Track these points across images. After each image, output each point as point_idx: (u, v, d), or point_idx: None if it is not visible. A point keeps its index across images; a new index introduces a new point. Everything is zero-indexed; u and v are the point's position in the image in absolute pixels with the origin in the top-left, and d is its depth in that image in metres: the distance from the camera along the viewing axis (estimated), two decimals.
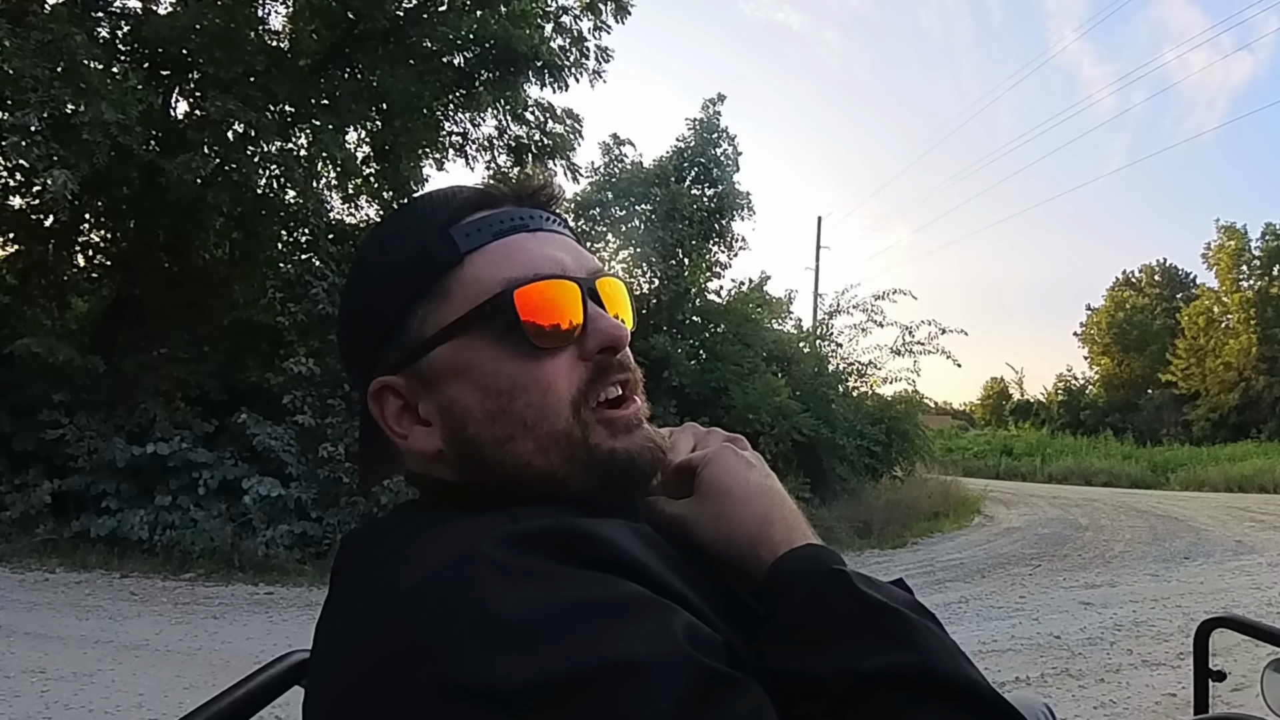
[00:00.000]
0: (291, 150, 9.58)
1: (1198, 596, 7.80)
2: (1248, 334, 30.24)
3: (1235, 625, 1.63)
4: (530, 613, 0.49)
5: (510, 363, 0.63)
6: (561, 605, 0.50)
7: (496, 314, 0.63)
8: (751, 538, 0.65)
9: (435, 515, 0.63)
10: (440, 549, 0.55)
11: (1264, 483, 20.46)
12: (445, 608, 0.50)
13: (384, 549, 0.61)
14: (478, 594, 0.50)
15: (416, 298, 0.65)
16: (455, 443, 0.65)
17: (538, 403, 0.63)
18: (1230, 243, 31.81)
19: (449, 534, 0.56)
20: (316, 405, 8.88)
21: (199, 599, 6.95)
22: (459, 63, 10.70)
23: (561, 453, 0.64)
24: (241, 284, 9.05)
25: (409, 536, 0.59)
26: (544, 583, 0.51)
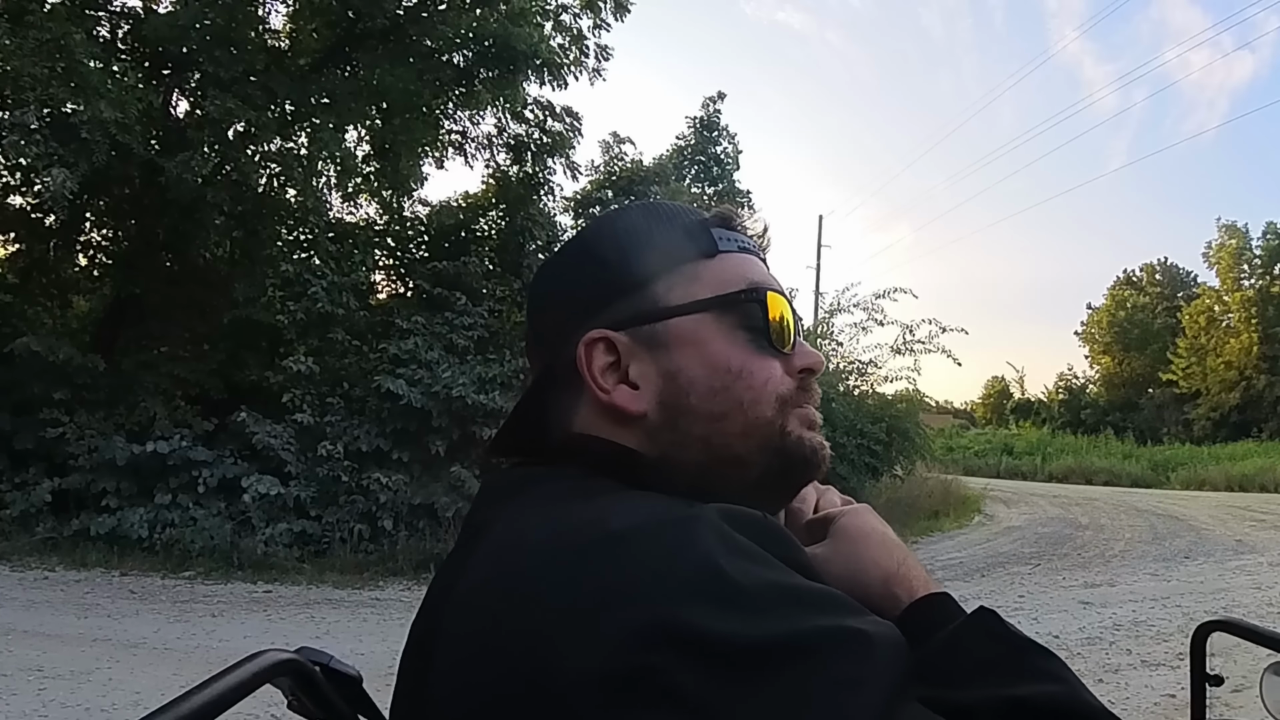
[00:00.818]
0: (291, 149, 9.58)
1: (1198, 596, 7.80)
2: (1249, 333, 30.24)
3: (1233, 629, 1.59)
4: (757, 581, 0.49)
5: (742, 350, 0.67)
6: (784, 583, 0.50)
7: (745, 305, 0.68)
8: (888, 578, 0.68)
9: (609, 484, 0.63)
10: (652, 508, 0.55)
11: (1265, 482, 20.53)
12: (671, 553, 0.50)
13: (565, 502, 0.59)
14: (705, 549, 0.50)
15: (669, 269, 0.69)
16: (668, 408, 0.67)
17: (757, 389, 0.67)
18: (1231, 241, 31.82)
19: (649, 499, 0.58)
20: (315, 404, 8.88)
21: (198, 597, 6.94)
22: (458, 61, 10.68)
23: (760, 439, 0.67)
24: (241, 283, 9.03)
25: (592, 494, 0.59)
26: (764, 563, 0.51)
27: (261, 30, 9.64)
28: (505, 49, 10.12)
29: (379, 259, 11.26)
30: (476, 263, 10.35)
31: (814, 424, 0.71)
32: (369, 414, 8.96)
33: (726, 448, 0.66)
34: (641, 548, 0.50)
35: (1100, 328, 38.82)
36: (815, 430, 0.71)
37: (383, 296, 11.45)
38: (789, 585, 0.51)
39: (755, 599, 0.48)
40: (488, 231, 12.04)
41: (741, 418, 0.67)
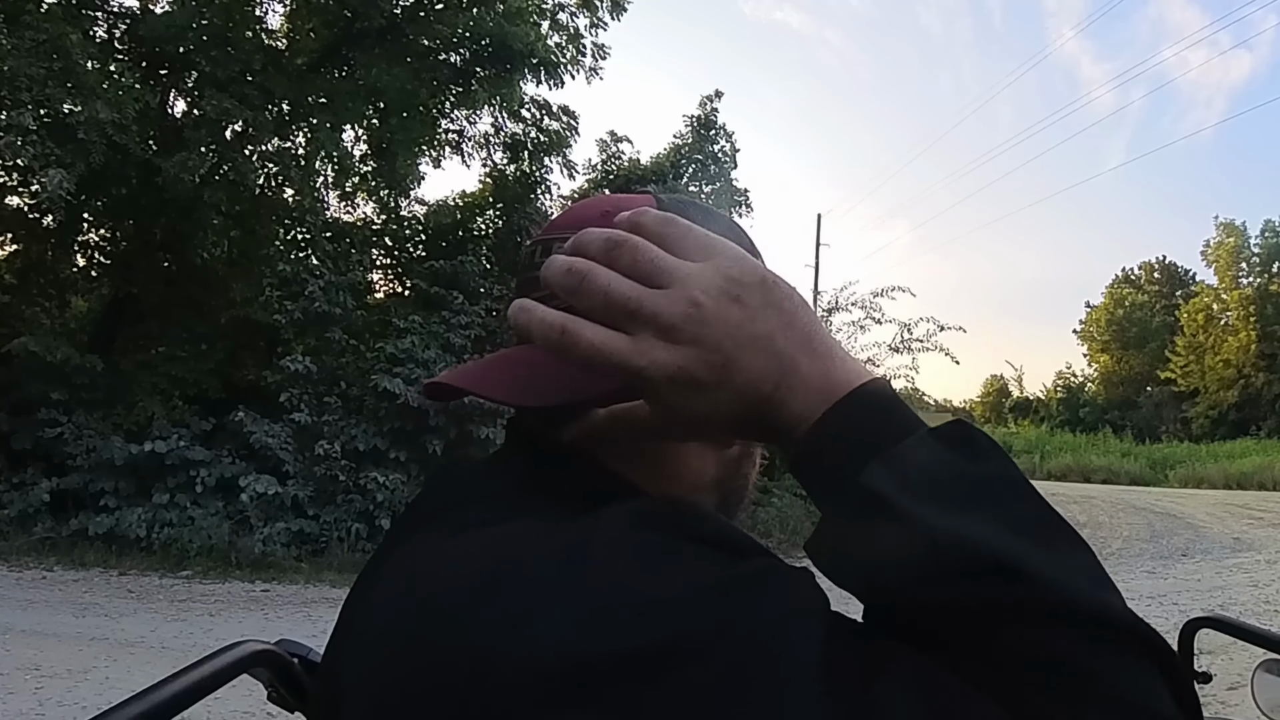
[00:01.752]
0: (289, 149, 9.61)
1: (1194, 594, 7.82)
2: (1247, 331, 30.34)
3: (1221, 626, 1.62)
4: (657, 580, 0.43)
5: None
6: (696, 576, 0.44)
7: None
8: (780, 376, 0.50)
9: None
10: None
11: (1263, 480, 20.59)
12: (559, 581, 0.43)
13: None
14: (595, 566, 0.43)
15: None
16: (729, 473, 0.68)
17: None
18: (1229, 240, 31.94)
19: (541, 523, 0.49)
20: (313, 403, 8.90)
21: (196, 596, 6.96)
22: (455, 60, 10.71)
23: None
24: (239, 282, 9.07)
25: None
26: (671, 555, 0.45)
27: (259, 30, 9.67)
28: (502, 48, 10.16)
29: (376, 258, 11.30)
30: (473, 262, 10.36)
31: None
32: (366, 413, 8.98)
33: (699, 474, 0.66)
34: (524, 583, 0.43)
35: (1099, 326, 38.93)
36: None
37: (380, 296, 11.49)
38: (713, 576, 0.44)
39: (650, 600, 0.41)
40: (485, 230, 12.05)
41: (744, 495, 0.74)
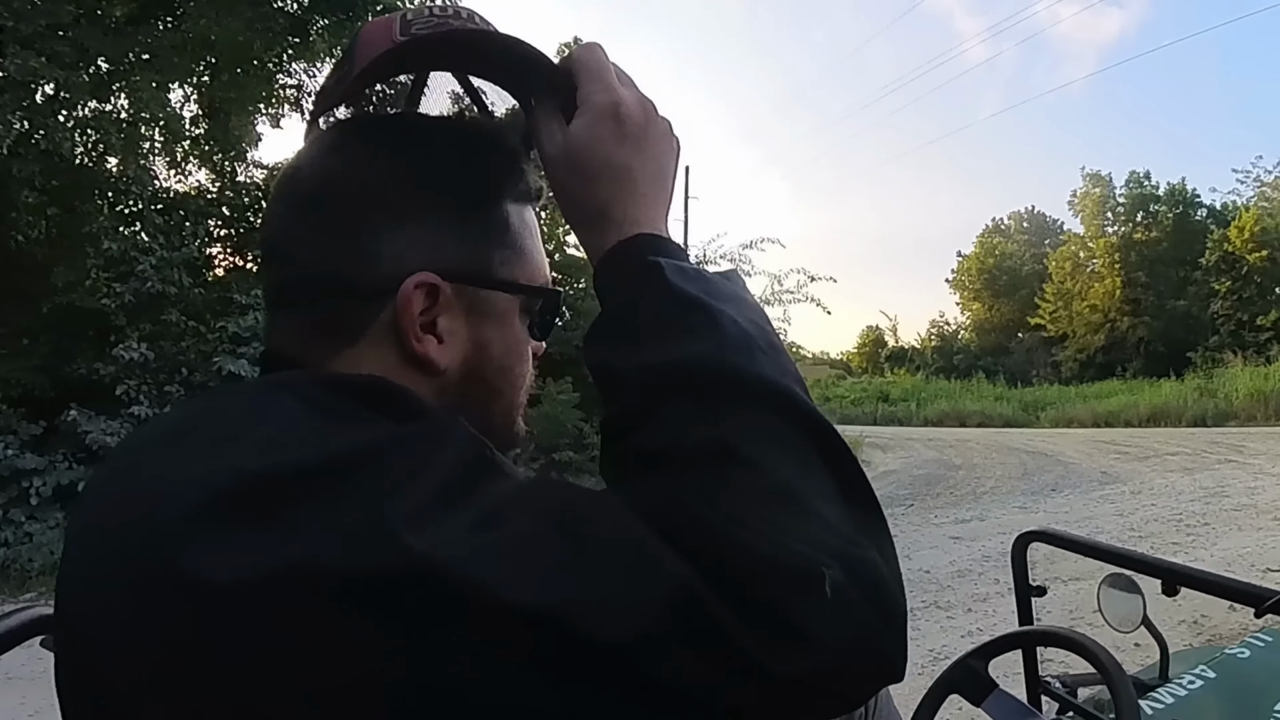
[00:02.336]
0: (109, 112, 9.18)
1: (1064, 524, 8.60)
2: (1112, 277, 33.07)
3: (1049, 539, 1.76)
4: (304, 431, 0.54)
5: (523, 338, 0.74)
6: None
7: (544, 301, 0.75)
8: (586, 221, 0.69)
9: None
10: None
11: (1129, 418, 22.50)
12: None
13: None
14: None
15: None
16: (467, 374, 0.70)
17: (525, 374, 0.76)
18: (1096, 190, 34.68)
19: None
20: (153, 394, 8.64)
21: None
22: (292, 8, 10.41)
23: (510, 420, 0.76)
24: (61, 266, 8.62)
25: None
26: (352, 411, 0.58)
27: None
28: None
29: (213, 230, 10.96)
30: None
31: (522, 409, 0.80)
32: None
33: (489, 418, 0.72)
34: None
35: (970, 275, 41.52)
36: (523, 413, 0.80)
37: (220, 271, 11.16)
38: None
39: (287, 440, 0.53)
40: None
41: (510, 399, 0.75)
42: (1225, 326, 28.84)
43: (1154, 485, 11.19)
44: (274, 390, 0.59)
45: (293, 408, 0.56)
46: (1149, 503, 9.81)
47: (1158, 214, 33.11)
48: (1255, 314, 28.00)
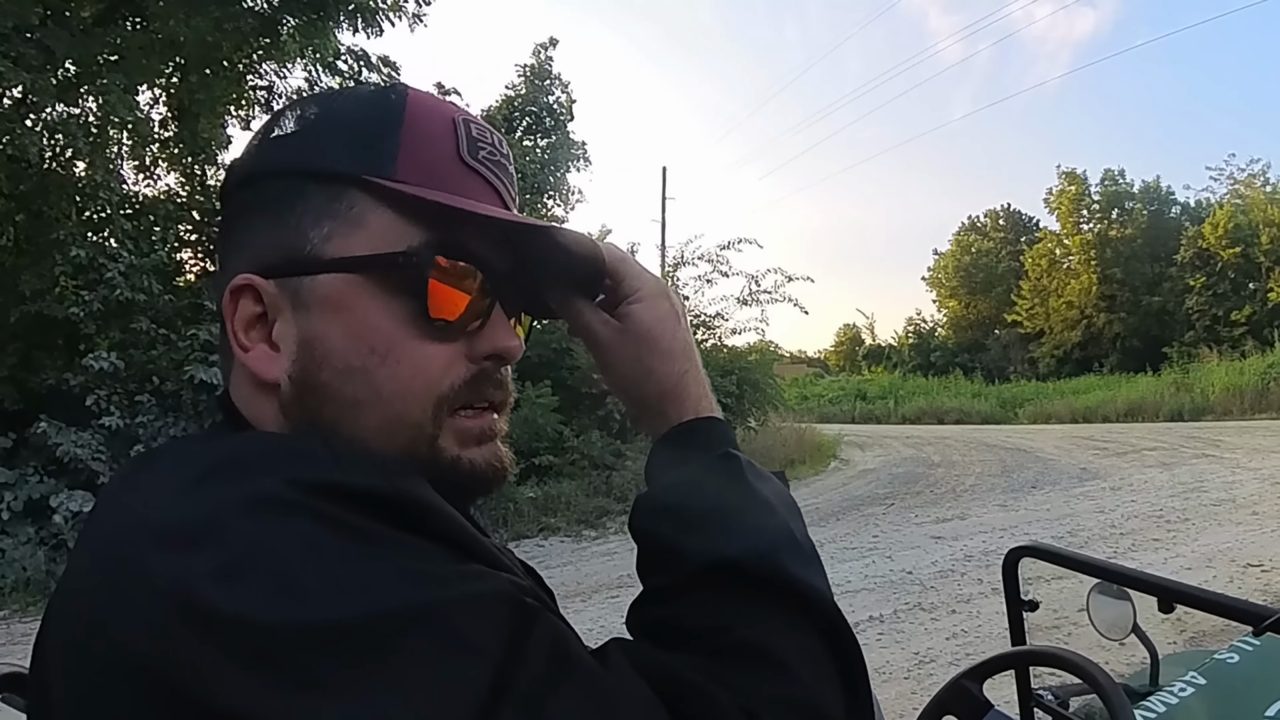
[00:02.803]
0: (76, 116, 9.06)
1: (1045, 522, 8.77)
2: (1088, 274, 33.38)
3: (1042, 554, 1.75)
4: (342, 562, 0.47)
5: (396, 326, 0.60)
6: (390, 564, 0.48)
7: (406, 270, 0.60)
8: (664, 393, 0.70)
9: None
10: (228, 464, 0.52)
11: (1106, 413, 22.72)
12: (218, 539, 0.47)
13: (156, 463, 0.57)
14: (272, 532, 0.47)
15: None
16: (299, 383, 0.61)
17: (404, 379, 0.60)
18: (1071, 188, 34.95)
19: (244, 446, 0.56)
20: (124, 404, 8.58)
21: (16, 638, 6.63)
22: (261, 7, 10.32)
23: (404, 442, 0.61)
24: (27, 273, 8.50)
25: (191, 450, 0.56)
26: (372, 543, 0.49)
27: None
28: None
29: (183, 235, 10.86)
30: None
31: (484, 436, 0.65)
32: (185, 409, 8.76)
33: (361, 443, 0.59)
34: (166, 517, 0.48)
35: (947, 273, 41.79)
36: (483, 443, 0.65)
37: (191, 277, 11.05)
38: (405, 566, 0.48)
39: (338, 582, 0.46)
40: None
41: (380, 410, 0.60)
42: (1200, 322, 29.18)
43: (1133, 481, 11.31)
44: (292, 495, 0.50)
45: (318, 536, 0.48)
46: (1129, 499, 9.91)
47: (1133, 211, 33.42)
48: (1229, 309, 28.34)
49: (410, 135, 0.62)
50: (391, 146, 0.61)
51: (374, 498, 0.51)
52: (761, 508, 0.63)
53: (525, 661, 0.47)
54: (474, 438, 0.64)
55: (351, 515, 0.49)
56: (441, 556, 0.51)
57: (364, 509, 0.50)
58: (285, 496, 0.48)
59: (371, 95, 0.65)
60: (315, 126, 0.63)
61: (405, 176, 0.61)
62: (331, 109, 0.65)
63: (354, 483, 0.51)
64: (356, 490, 0.51)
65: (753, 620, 0.58)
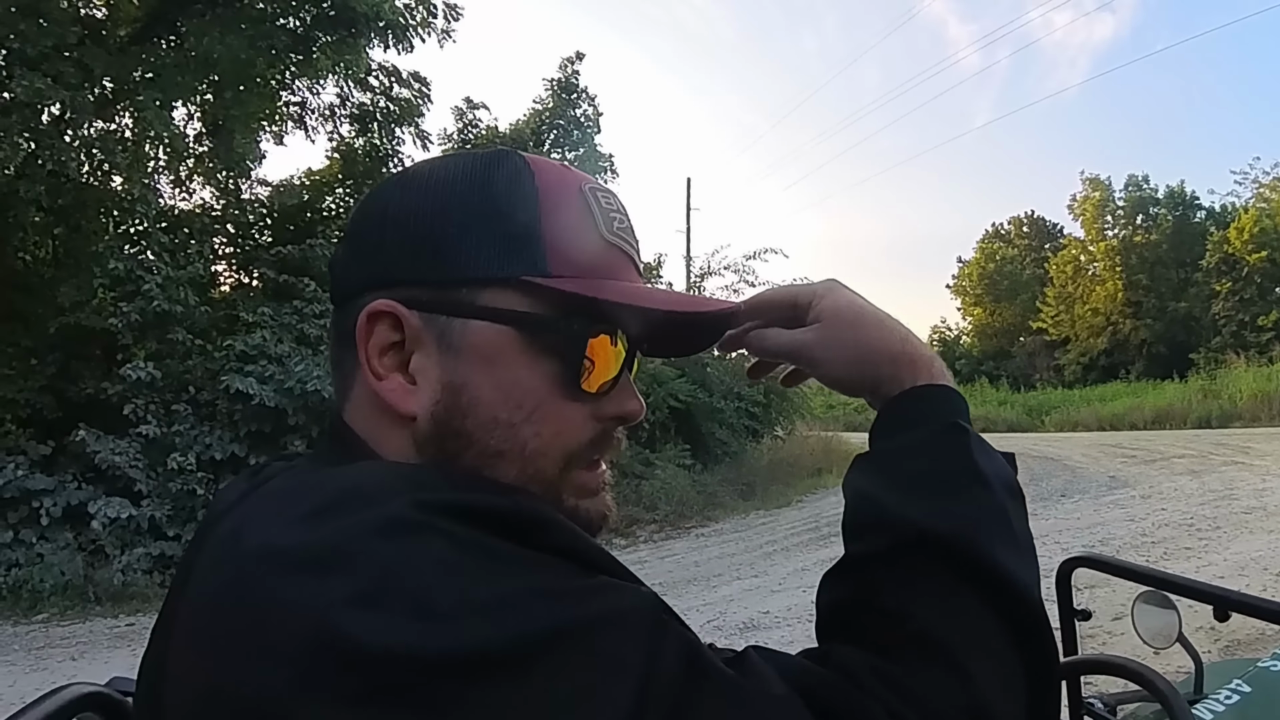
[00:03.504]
0: (114, 132, 9.23)
1: (1075, 531, 8.59)
2: (1113, 280, 33.02)
3: (1096, 564, 1.73)
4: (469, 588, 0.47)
5: (544, 387, 0.61)
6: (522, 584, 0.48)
7: (566, 337, 0.61)
8: (895, 358, 0.70)
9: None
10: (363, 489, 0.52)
11: (1134, 420, 22.41)
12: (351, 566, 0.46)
13: (282, 498, 0.55)
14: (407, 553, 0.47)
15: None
16: (441, 424, 0.61)
17: (547, 437, 0.61)
18: (1095, 194, 34.63)
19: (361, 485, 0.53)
20: (161, 413, 8.68)
21: (54, 641, 6.75)
22: (294, 25, 10.46)
23: (535, 493, 0.62)
24: (67, 285, 8.65)
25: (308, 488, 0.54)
26: (503, 560, 0.49)
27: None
28: (344, 10, 9.97)
29: (218, 248, 11.02)
30: (325, 245, 10.29)
31: (598, 489, 0.66)
32: (220, 418, 8.85)
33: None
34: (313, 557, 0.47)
35: (971, 280, 41.51)
36: (596, 494, 0.66)
37: (225, 289, 11.22)
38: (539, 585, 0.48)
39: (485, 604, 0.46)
40: (335, 210, 11.95)
41: (518, 465, 0.61)
42: (1227, 327, 28.76)
43: (1162, 489, 11.12)
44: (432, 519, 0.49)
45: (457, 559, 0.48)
46: (1159, 507, 9.74)
47: (1157, 216, 33.08)
48: (1256, 314, 27.93)
49: (552, 222, 0.62)
50: (539, 240, 0.61)
51: (499, 515, 0.51)
52: (981, 487, 0.61)
53: (666, 674, 0.47)
54: (590, 490, 0.65)
55: (480, 534, 0.49)
56: (571, 571, 0.51)
57: (491, 527, 0.50)
58: (414, 518, 0.48)
59: (509, 185, 0.63)
60: (463, 202, 0.62)
61: (559, 270, 0.61)
62: (468, 199, 0.62)
63: (478, 502, 0.51)
64: (481, 509, 0.51)
65: (942, 610, 0.56)
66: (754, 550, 8.92)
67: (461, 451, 0.60)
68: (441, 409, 0.60)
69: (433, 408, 0.61)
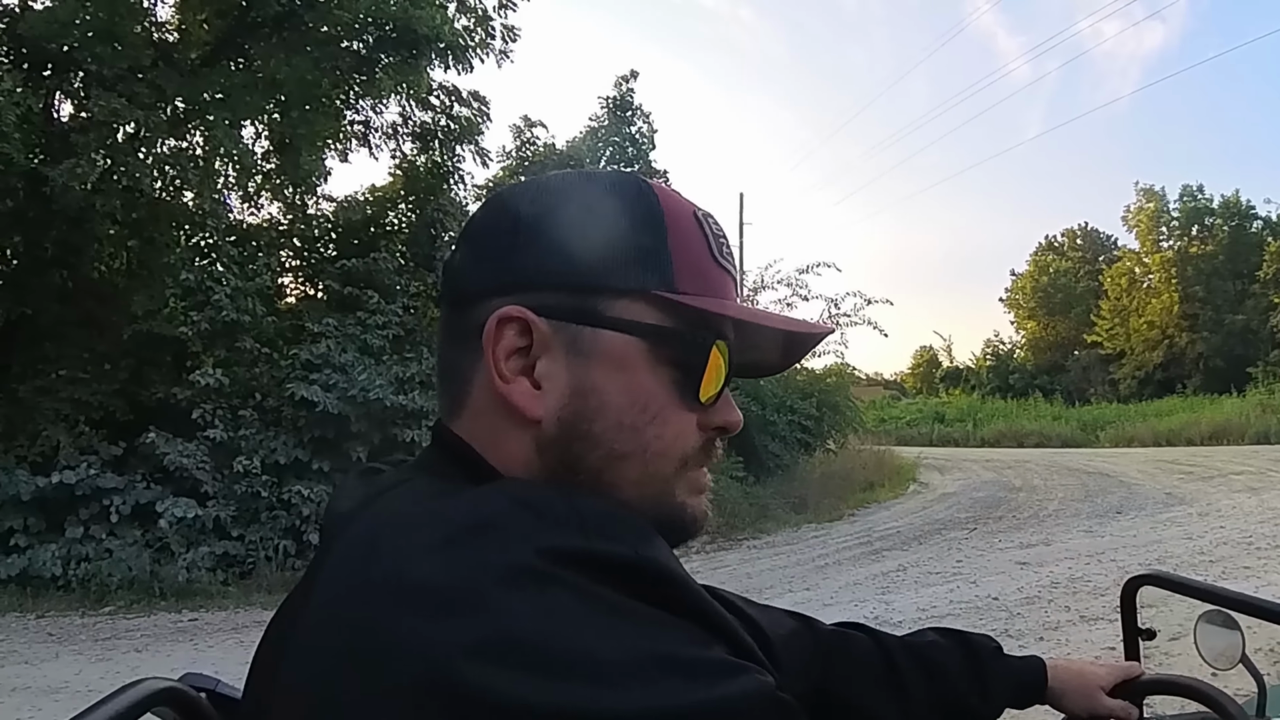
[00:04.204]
0: (185, 149, 9.42)
1: (1131, 550, 8.31)
2: (1169, 293, 32.03)
3: (1161, 582, 1.62)
4: (616, 647, 0.47)
5: (666, 393, 0.63)
6: (649, 648, 0.48)
7: (690, 349, 0.64)
8: None
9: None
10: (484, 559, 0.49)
11: (1190, 436, 21.65)
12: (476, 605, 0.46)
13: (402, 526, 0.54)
14: (527, 610, 0.47)
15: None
16: (568, 427, 0.62)
17: (668, 439, 0.63)
18: (1149, 205, 33.63)
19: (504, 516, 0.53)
20: (228, 418, 8.81)
21: (120, 633, 6.87)
22: (358, 47, 10.59)
23: (651, 494, 0.64)
24: (139, 295, 8.86)
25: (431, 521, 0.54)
26: (628, 619, 0.50)
27: (147, 23, 9.41)
28: (406, 33, 10.08)
29: (285, 260, 11.17)
30: (387, 258, 10.37)
31: (703, 488, 0.69)
32: (285, 424, 8.94)
33: (616, 489, 0.62)
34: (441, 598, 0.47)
35: (1024, 293, 40.59)
36: (703, 495, 0.68)
37: (291, 300, 11.37)
38: (665, 652, 0.48)
39: (618, 668, 0.46)
40: (398, 225, 12.04)
41: (641, 464, 0.63)
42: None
43: (1220, 506, 10.69)
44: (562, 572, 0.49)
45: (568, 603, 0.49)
46: (1217, 525, 9.36)
47: (1213, 227, 32.03)
48: None
49: (676, 242, 0.64)
50: (667, 259, 0.63)
51: (625, 568, 0.52)
52: None
53: None
54: (698, 489, 0.68)
55: (605, 589, 0.49)
56: (694, 636, 0.52)
57: (616, 581, 0.50)
58: (540, 568, 0.48)
59: (636, 204, 0.65)
60: (600, 221, 0.64)
61: (684, 287, 0.63)
62: (601, 213, 0.64)
63: (605, 551, 0.52)
64: (608, 561, 0.51)
65: None
66: (806, 563, 8.72)
67: (587, 453, 0.62)
68: (569, 412, 0.62)
69: (559, 411, 0.62)
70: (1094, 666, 1.14)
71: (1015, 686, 1.04)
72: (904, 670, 0.98)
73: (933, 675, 0.99)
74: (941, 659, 1.01)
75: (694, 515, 0.67)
